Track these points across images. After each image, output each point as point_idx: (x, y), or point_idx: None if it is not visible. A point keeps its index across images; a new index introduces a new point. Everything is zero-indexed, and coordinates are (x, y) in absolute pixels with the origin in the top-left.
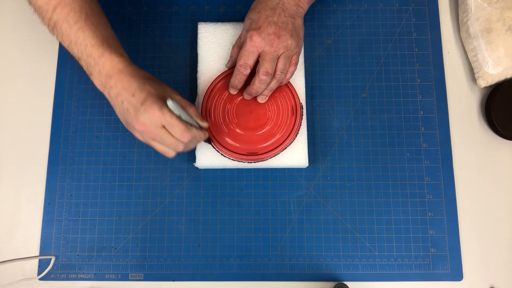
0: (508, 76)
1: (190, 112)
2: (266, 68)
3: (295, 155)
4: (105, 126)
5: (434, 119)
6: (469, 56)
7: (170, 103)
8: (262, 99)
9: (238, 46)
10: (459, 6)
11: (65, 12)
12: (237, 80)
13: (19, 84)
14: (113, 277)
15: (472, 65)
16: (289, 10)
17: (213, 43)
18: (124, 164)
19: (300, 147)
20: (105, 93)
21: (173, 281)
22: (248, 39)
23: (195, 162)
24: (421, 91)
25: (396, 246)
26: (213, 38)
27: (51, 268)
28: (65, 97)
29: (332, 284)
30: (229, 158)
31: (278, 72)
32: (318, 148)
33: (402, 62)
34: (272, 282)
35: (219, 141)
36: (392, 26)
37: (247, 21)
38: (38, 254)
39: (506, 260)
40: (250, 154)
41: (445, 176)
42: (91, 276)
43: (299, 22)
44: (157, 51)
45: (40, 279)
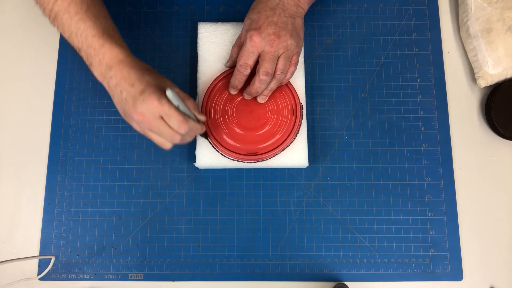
0: (508, 76)
1: (189, 105)
2: (266, 68)
3: (295, 155)
4: (105, 126)
5: (434, 119)
6: (469, 56)
7: (169, 92)
8: (262, 99)
9: (238, 46)
10: (459, 6)
11: (66, 3)
12: (237, 80)
13: (19, 84)
14: (113, 277)
15: (472, 65)
16: (289, 11)
17: (213, 43)
18: (124, 164)
19: (300, 147)
20: (104, 83)
21: (173, 281)
22: (248, 39)
23: (195, 162)
24: (421, 91)
25: (396, 246)
26: (213, 38)
27: (51, 268)
28: (65, 97)
29: (332, 284)
30: (229, 158)
31: (278, 72)
32: (318, 148)
33: (402, 62)
34: (272, 282)
35: (219, 141)
36: (392, 26)
37: (247, 21)
38: (38, 254)
39: (506, 260)
40: (250, 154)
41: (445, 176)
42: (91, 276)
43: (299, 22)
44: (157, 51)
45: (40, 279)
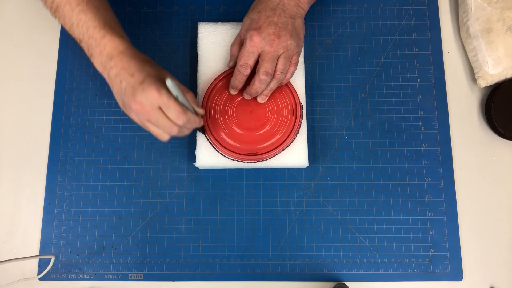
0: (508, 76)
1: (188, 97)
2: (266, 68)
3: (295, 155)
4: (105, 126)
5: (434, 119)
6: (469, 56)
7: (169, 82)
8: (262, 99)
9: (237, 43)
10: (459, 6)
11: None
12: (237, 81)
13: (19, 84)
14: (113, 277)
15: (472, 65)
16: (289, 11)
17: (213, 43)
18: (124, 164)
19: (300, 147)
20: (104, 74)
21: (173, 281)
22: (248, 39)
23: (195, 162)
24: (421, 91)
25: (396, 246)
26: (213, 38)
27: (51, 268)
28: (65, 97)
29: (332, 284)
30: (229, 158)
31: (278, 72)
32: (318, 148)
33: (402, 62)
34: (272, 282)
35: (219, 141)
36: (392, 26)
37: (247, 20)
38: (38, 254)
39: (506, 260)
40: (250, 154)
41: (445, 176)
42: (91, 276)
43: (299, 22)
44: (157, 51)
45: (40, 279)
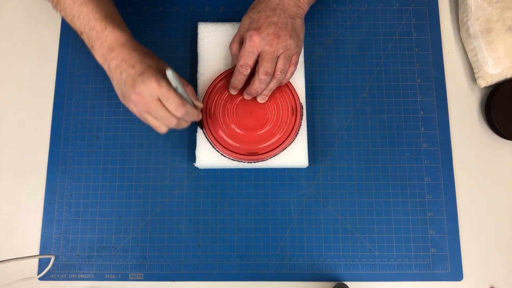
0: (508, 76)
1: (187, 91)
2: (265, 68)
3: (295, 155)
4: (105, 126)
5: (434, 119)
6: (469, 56)
7: (169, 72)
8: (262, 99)
9: (236, 42)
10: (459, 6)
11: None
12: (237, 81)
13: (19, 84)
14: (113, 277)
15: (472, 65)
16: (289, 11)
17: (213, 43)
18: (124, 164)
19: (300, 147)
20: (105, 66)
21: (173, 281)
22: (248, 39)
23: (195, 162)
24: (421, 91)
25: (396, 246)
26: (213, 38)
27: (51, 268)
28: (65, 97)
29: (332, 284)
30: (229, 158)
31: (277, 72)
32: (318, 148)
33: (402, 62)
34: (272, 282)
35: (219, 141)
36: (392, 26)
37: (247, 20)
38: (38, 254)
39: (506, 260)
40: (250, 154)
41: (445, 176)
42: (91, 276)
43: (299, 22)
44: (157, 51)
45: (40, 279)
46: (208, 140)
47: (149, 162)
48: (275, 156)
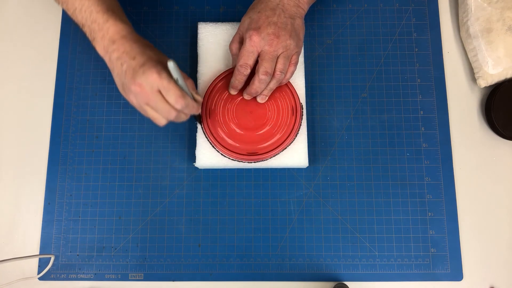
0: (508, 76)
1: (187, 84)
2: (265, 68)
3: (295, 155)
4: (105, 126)
5: (434, 119)
6: (469, 56)
7: (171, 63)
8: (262, 99)
9: (236, 41)
10: (459, 6)
11: None
12: (237, 81)
13: (19, 84)
14: (113, 277)
15: (472, 65)
16: (289, 11)
17: (213, 43)
18: (124, 164)
19: (300, 147)
20: (106, 58)
21: (173, 281)
22: (248, 39)
23: (195, 162)
24: (421, 91)
25: (396, 246)
26: (213, 38)
27: (51, 268)
28: (65, 97)
29: (332, 284)
30: (229, 158)
31: (277, 72)
32: (318, 148)
33: (402, 62)
34: (272, 282)
35: (219, 141)
36: (392, 26)
37: (247, 20)
38: (38, 254)
39: (506, 260)
40: (250, 154)
41: (445, 176)
42: (91, 276)
43: (299, 22)
44: None
45: (40, 278)
46: (208, 140)
47: (149, 162)
48: (275, 156)
